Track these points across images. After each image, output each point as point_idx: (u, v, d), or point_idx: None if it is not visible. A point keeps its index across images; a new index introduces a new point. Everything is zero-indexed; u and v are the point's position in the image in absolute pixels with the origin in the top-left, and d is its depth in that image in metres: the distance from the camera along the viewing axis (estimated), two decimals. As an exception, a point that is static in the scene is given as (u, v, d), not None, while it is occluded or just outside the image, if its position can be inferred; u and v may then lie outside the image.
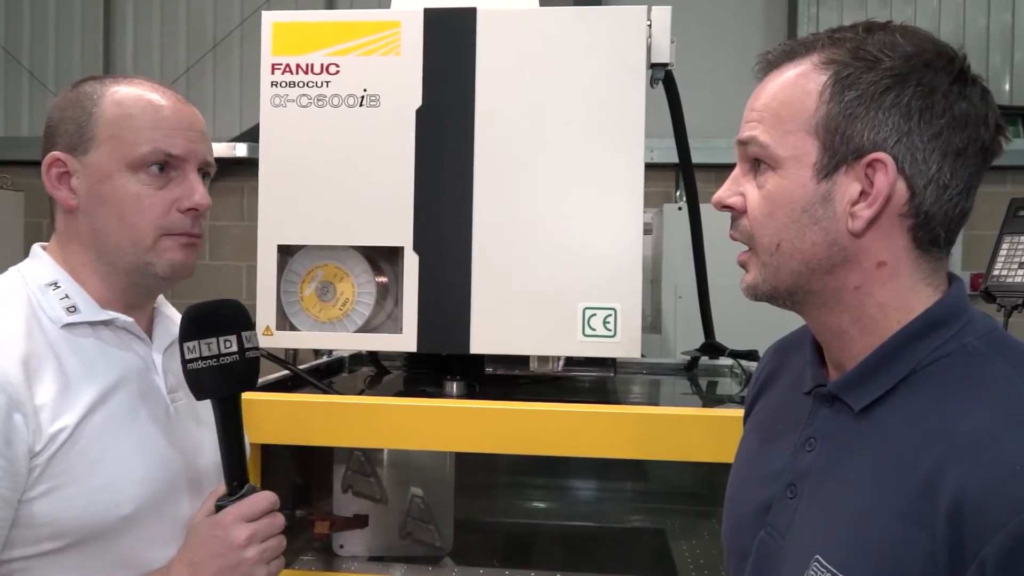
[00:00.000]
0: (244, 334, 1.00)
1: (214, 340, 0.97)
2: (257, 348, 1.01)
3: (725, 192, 0.87)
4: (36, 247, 1.08)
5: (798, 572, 0.80)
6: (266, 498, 1.01)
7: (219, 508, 1.00)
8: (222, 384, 0.98)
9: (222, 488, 1.02)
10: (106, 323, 1.03)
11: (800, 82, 0.82)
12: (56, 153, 1.02)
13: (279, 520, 1.02)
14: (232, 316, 1.00)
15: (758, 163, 0.84)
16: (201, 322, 0.98)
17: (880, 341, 0.81)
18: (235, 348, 0.98)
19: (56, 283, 1.02)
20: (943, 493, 0.71)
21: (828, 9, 4.26)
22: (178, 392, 1.07)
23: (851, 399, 0.83)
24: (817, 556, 0.78)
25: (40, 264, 1.05)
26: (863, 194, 0.79)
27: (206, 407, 1.08)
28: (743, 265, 0.88)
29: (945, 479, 0.71)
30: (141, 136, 1.02)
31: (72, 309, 1.00)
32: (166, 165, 1.03)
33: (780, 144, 0.82)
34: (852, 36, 0.81)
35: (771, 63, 0.86)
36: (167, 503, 1.01)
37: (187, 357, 0.97)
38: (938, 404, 0.77)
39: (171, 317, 1.13)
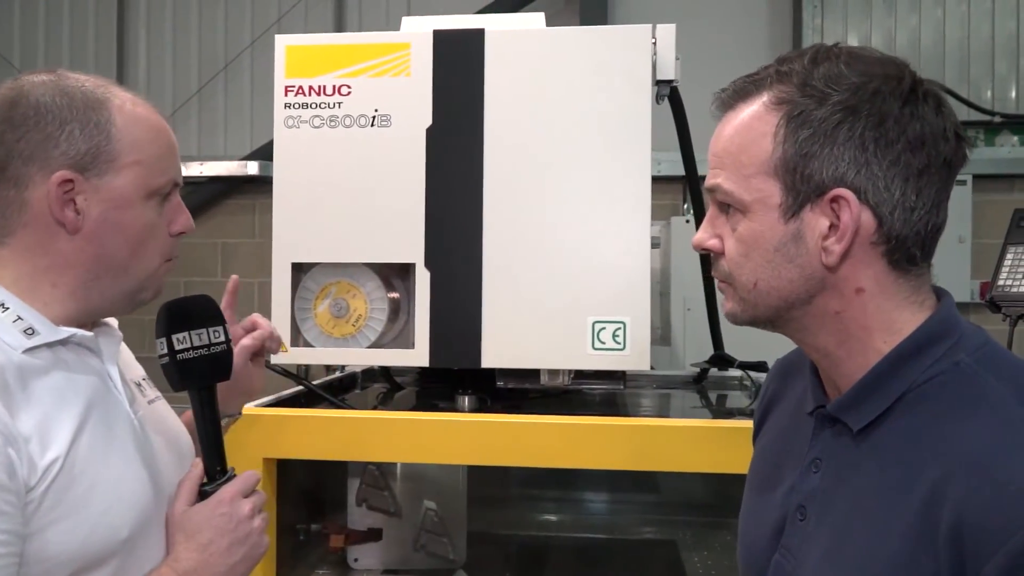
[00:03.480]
0: (225, 326, 1.03)
1: (204, 331, 1.00)
2: (231, 340, 1.05)
3: (703, 235, 0.88)
4: None
5: None
6: (255, 475, 1.05)
7: (204, 493, 1.01)
8: (211, 373, 1.01)
9: (195, 476, 1.02)
10: (63, 341, 0.96)
11: (754, 124, 0.82)
12: (66, 174, 0.93)
13: (264, 496, 1.06)
14: (213, 309, 1.03)
15: (728, 206, 0.85)
16: (188, 314, 1.01)
17: (869, 362, 0.82)
18: (223, 338, 1.02)
19: (3, 304, 0.93)
20: (943, 513, 0.72)
21: (832, 20, 4.28)
22: (135, 403, 1.03)
23: (849, 420, 0.83)
24: None
25: None
26: (832, 227, 0.80)
27: (161, 415, 1.09)
28: (721, 291, 0.89)
29: (944, 499, 0.72)
30: (161, 165, 0.99)
31: (30, 331, 0.92)
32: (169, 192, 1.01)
33: (744, 189, 0.82)
34: (799, 69, 0.81)
35: (725, 103, 0.86)
36: (155, 518, 1.00)
37: (177, 348, 0.98)
38: (934, 424, 0.77)
39: (110, 325, 1.07)
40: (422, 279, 1.56)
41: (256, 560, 1.03)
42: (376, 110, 1.57)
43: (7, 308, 0.93)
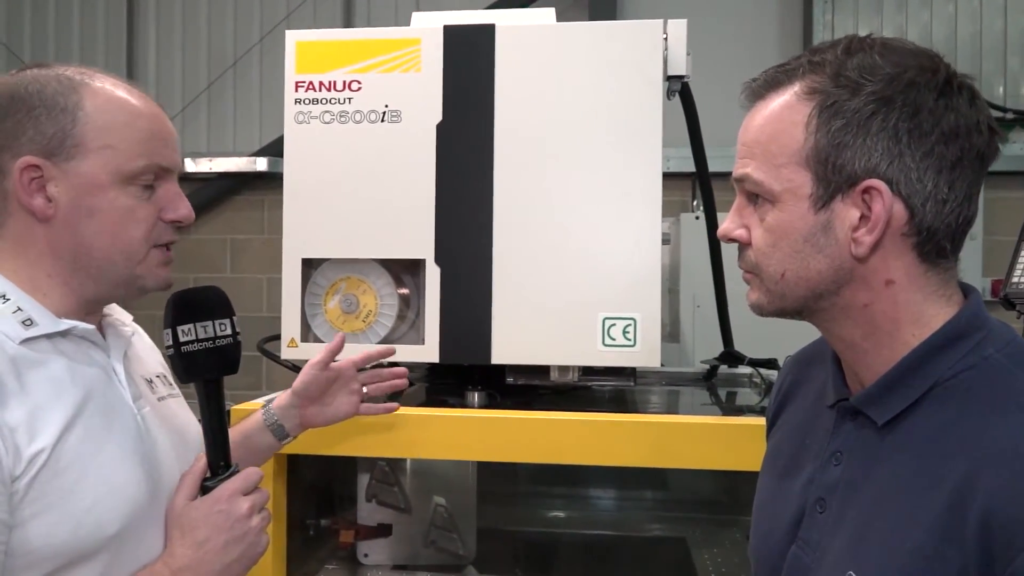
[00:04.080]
0: (234, 319, 1.02)
1: (210, 323, 0.99)
2: (239, 333, 1.04)
3: (730, 225, 0.88)
4: None
5: None
6: (258, 472, 1.03)
7: (206, 489, 1.00)
8: (216, 366, 1.00)
9: (198, 470, 1.01)
10: (64, 334, 0.95)
11: (786, 114, 0.82)
12: (31, 159, 0.92)
13: (267, 493, 1.04)
14: (222, 302, 1.02)
15: (756, 196, 0.85)
16: (194, 306, 1.00)
17: (895, 355, 0.81)
18: (229, 331, 1.01)
19: (4, 295, 0.93)
20: (972, 508, 0.71)
21: (844, 16, 4.25)
22: (141, 399, 1.03)
23: (874, 413, 0.82)
24: (850, 573, 0.79)
25: None
26: (863, 218, 0.79)
27: (171, 413, 1.08)
28: (747, 281, 0.89)
29: (973, 494, 0.72)
30: (137, 149, 0.96)
31: (29, 322, 0.92)
32: (155, 177, 0.99)
33: (774, 179, 0.82)
34: (832, 59, 0.80)
35: (755, 92, 0.86)
36: (149, 516, 0.98)
37: (181, 340, 0.98)
38: (962, 418, 0.77)
39: (120, 320, 1.07)
40: (432, 275, 1.56)
41: (254, 560, 1.01)
42: (386, 106, 1.57)
43: (7, 299, 0.93)
